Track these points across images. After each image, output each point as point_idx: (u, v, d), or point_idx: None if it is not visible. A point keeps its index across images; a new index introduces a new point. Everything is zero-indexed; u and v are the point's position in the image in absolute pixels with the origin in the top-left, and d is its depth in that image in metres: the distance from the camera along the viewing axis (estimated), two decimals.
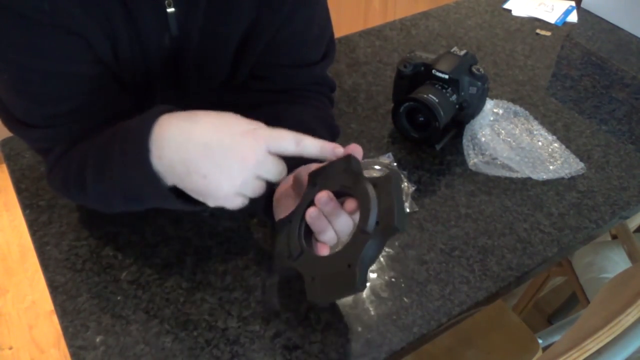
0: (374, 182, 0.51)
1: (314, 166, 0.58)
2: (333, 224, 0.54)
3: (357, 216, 0.53)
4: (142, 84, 0.67)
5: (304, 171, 0.59)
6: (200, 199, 0.52)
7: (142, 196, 0.55)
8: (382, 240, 0.50)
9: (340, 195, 0.54)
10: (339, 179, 0.53)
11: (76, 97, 0.60)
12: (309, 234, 0.55)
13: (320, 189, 0.53)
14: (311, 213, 0.53)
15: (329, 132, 0.72)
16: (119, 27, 0.58)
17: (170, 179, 0.51)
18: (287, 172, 0.53)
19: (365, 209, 0.50)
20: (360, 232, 0.49)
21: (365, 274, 0.49)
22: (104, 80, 0.61)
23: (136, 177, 0.53)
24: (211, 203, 0.51)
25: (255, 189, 0.51)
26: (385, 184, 0.50)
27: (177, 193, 0.53)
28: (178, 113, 0.52)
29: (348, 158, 0.53)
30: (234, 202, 0.51)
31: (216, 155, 0.49)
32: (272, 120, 0.71)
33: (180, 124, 0.51)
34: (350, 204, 0.53)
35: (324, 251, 0.54)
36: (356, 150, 0.54)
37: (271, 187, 0.64)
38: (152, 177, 0.51)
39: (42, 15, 0.52)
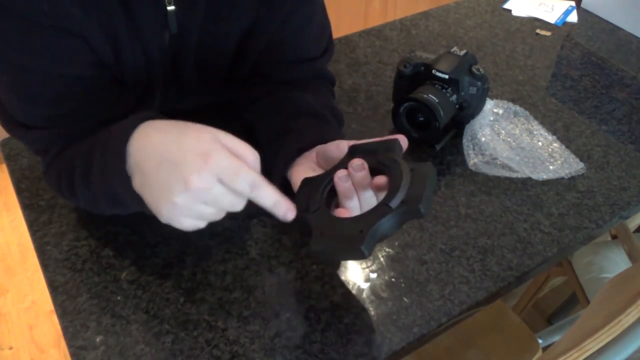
0: (412, 166, 0.51)
1: (345, 144, 0.58)
2: (358, 195, 0.53)
3: (382, 195, 0.52)
4: (143, 83, 0.67)
5: (333, 147, 0.58)
6: (153, 212, 0.50)
7: (124, 201, 0.55)
8: (401, 219, 0.49)
9: (374, 173, 0.53)
10: (379, 156, 0.53)
11: (76, 98, 0.60)
12: (332, 198, 0.55)
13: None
14: (340, 174, 0.53)
15: (333, 115, 0.71)
16: (118, 27, 0.58)
17: (134, 184, 0.50)
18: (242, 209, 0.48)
19: (395, 186, 0.50)
20: (383, 205, 0.49)
21: (373, 244, 0.48)
22: (103, 82, 0.61)
23: (114, 184, 0.53)
24: (160, 219, 0.49)
25: (203, 214, 0.48)
26: (423, 171, 0.50)
27: None
28: (158, 122, 0.51)
29: (393, 141, 0.54)
30: (182, 224, 0.48)
31: (164, 170, 0.46)
32: (274, 109, 0.71)
33: (149, 134, 0.49)
34: (380, 179, 0.53)
35: (342, 215, 0.53)
36: (403, 140, 0.55)
37: (283, 175, 0.63)
38: (126, 183, 0.51)
39: (42, 17, 0.52)
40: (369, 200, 0.53)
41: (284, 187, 0.61)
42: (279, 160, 0.63)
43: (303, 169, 0.61)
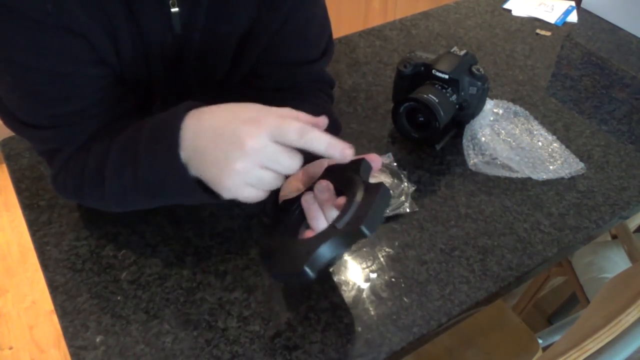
0: (367, 186, 0.52)
1: (326, 162, 0.59)
2: (325, 215, 0.54)
3: None
4: (143, 83, 0.67)
5: (317, 166, 0.59)
6: (215, 190, 0.51)
7: (166, 190, 0.55)
8: (347, 240, 0.50)
9: (340, 193, 0.54)
10: (345, 177, 0.54)
11: (80, 97, 0.60)
12: (304, 219, 0.56)
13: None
14: (306, 196, 0.54)
15: (330, 128, 0.72)
16: (121, 28, 0.58)
17: (191, 170, 0.52)
18: (301, 166, 0.51)
19: (345, 207, 0.51)
20: (331, 226, 0.50)
21: (316, 266, 0.49)
22: (107, 80, 0.61)
23: (164, 169, 0.53)
24: (224, 194, 0.51)
25: (264, 180, 0.49)
26: (373, 191, 0.51)
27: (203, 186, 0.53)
28: (206, 107, 0.52)
29: (360, 161, 0.54)
30: (245, 194, 0.50)
31: (220, 142, 0.49)
32: None
33: (200, 115, 0.51)
34: (340, 200, 0.54)
35: (308, 236, 0.54)
36: (373, 159, 0.55)
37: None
38: (180, 169, 0.51)
39: (45, 16, 0.52)
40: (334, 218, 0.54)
41: (276, 203, 0.63)
42: None
43: (288, 188, 0.62)
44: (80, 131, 0.61)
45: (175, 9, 0.60)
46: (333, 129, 0.72)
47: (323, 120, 0.53)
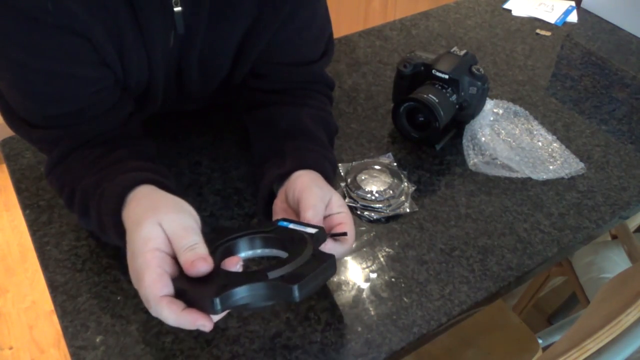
0: (315, 253, 0.51)
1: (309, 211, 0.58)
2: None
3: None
4: (144, 84, 0.67)
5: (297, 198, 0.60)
6: None
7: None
8: (270, 293, 0.47)
9: (286, 249, 0.54)
10: (298, 234, 0.54)
11: (78, 98, 0.60)
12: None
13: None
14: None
15: (326, 132, 0.72)
16: (124, 28, 0.58)
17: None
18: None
19: (285, 261, 0.49)
20: (262, 272, 0.48)
21: (230, 304, 0.46)
22: (106, 83, 0.61)
23: (111, 237, 0.57)
24: None
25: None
26: (321, 259, 0.50)
27: None
28: (150, 192, 0.54)
29: (318, 228, 0.54)
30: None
31: (129, 257, 0.51)
32: (270, 122, 0.72)
33: (137, 215, 0.52)
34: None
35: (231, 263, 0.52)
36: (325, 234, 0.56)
37: (270, 191, 0.65)
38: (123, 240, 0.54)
39: (46, 15, 0.52)
40: None
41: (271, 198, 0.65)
42: (263, 184, 0.67)
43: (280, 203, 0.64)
44: (73, 134, 0.61)
45: (178, 8, 0.59)
46: (329, 134, 0.73)
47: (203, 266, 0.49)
